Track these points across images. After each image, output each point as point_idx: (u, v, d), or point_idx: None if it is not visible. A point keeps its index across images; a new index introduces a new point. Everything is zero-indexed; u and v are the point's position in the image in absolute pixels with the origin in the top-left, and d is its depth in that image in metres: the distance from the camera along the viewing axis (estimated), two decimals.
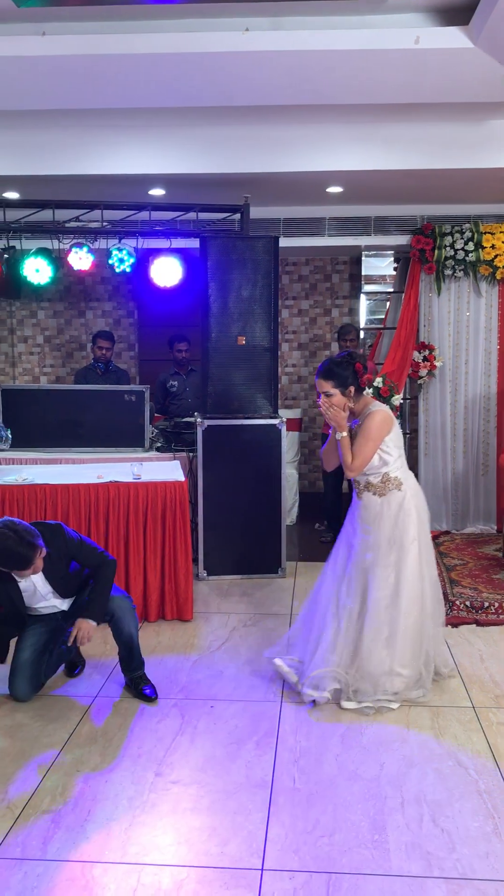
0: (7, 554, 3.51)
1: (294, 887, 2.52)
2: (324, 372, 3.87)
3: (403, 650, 3.77)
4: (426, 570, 3.87)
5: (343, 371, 3.84)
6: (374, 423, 3.78)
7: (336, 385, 3.83)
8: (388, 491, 3.85)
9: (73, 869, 2.63)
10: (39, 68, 4.36)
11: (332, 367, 3.86)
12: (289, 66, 4.48)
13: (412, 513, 3.83)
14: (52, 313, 8.55)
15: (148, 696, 3.85)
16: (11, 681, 3.81)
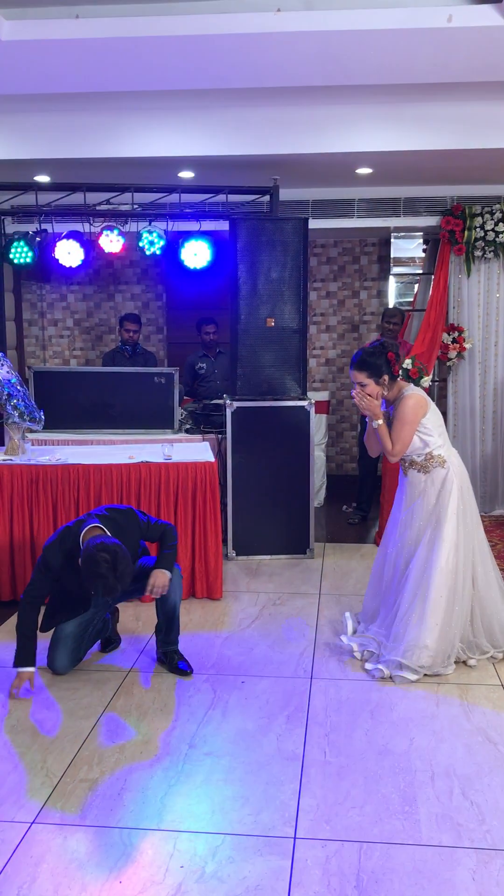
0: (105, 586, 3.45)
1: (326, 855, 2.58)
2: (358, 363, 3.94)
3: (433, 623, 3.82)
4: (467, 546, 3.93)
5: (376, 361, 3.91)
6: (408, 408, 3.89)
7: (370, 375, 3.92)
8: (431, 468, 3.96)
9: (112, 835, 2.70)
10: (72, 51, 4.39)
11: (366, 358, 3.93)
12: (320, 47, 4.47)
13: (454, 489, 3.92)
14: (82, 297, 8.62)
15: (183, 671, 3.91)
16: (52, 653, 3.88)
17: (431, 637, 3.83)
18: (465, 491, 3.98)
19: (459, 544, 3.90)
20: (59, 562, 3.68)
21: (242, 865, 2.54)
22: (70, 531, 3.73)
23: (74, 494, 4.82)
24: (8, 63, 4.51)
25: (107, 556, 3.40)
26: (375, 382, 3.91)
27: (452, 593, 3.87)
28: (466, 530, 3.95)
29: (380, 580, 4.25)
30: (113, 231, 5.98)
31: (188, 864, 2.54)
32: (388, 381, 3.93)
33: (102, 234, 5.99)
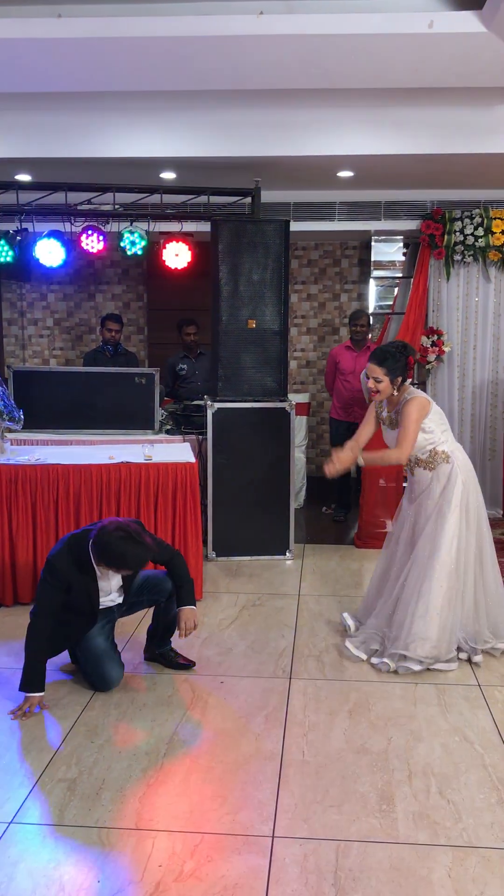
0: (135, 559, 3.50)
1: (304, 853, 2.60)
2: (378, 358, 3.95)
3: (434, 615, 3.88)
4: (469, 539, 3.99)
5: (397, 362, 3.94)
6: (412, 412, 3.92)
7: (387, 373, 3.94)
8: (436, 465, 4.02)
9: (90, 834, 2.70)
10: (54, 50, 4.39)
11: (388, 356, 3.95)
12: (302, 50, 4.50)
13: (458, 484, 3.97)
14: (62, 296, 8.59)
15: (186, 665, 3.96)
16: (100, 670, 3.70)
17: (433, 628, 3.88)
18: (469, 485, 4.03)
19: (461, 537, 3.96)
20: (68, 569, 3.56)
21: (221, 864, 2.55)
22: (76, 538, 3.63)
23: (54, 494, 4.81)
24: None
25: (120, 532, 3.45)
26: (390, 381, 3.95)
27: (454, 585, 3.92)
28: (469, 523, 4.00)
29: (383, 577, 4.27)
30: (94, 231, 5.96)
31: (166, 864, 2.55)
32: (400, 385, 3.99)
33: (84, 233, 5.97)
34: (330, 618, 4.68)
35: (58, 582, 3.56)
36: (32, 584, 4.84)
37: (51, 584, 3.56)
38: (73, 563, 3.57)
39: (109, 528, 3.48)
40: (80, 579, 3.59)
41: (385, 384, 3.95)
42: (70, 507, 4.82)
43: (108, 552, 3.47)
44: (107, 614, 3.87)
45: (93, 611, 3.71)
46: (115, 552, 3.45)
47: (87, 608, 3.69)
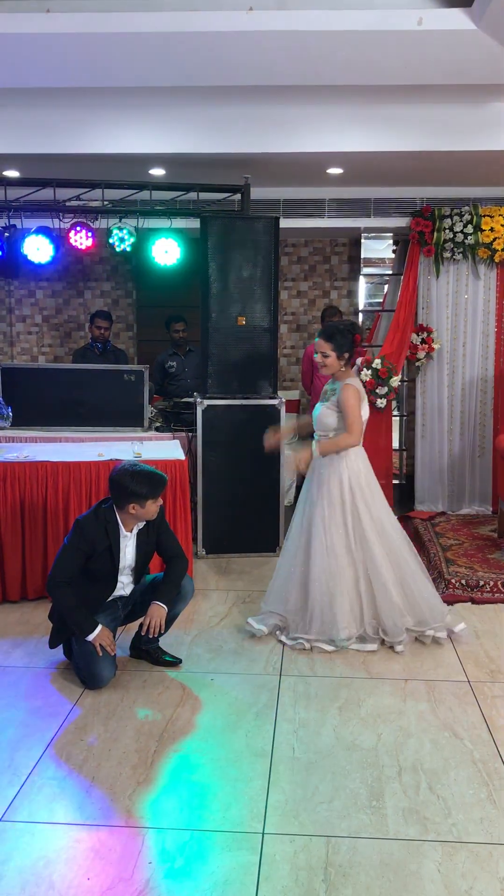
0: (151, 474, 3.73)
1: (294, 849, 2.60)
2: (327, 333, 4.19)
3: (340, 599, 4.11)
4: (357, 528, 4.20)
5: (344, 338, 4.17)
6: (350, 397, 4.15)
7: (334, 348, 4.17)
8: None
9: (80, 832, 2.70)
10: (43, 46, 4.37)
11: (335, 332, 4.18)
12: (292, 47, 4.49)
13: (345, 472, 4.20)
14: (51, 293, 8.55)
15: (171, 661, 3.98)
16: (93, 668, 3.69)
17: (340, 611, 4.10)
18: (363, 476, 4.24)
19: (351, 526, 4.17)
20: (94, 530, 3.74)
21: (211, 861, 2.55)
22: (102, 502, 3.86)
23: (42, 492, 4.79)
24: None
25: (127, 465, 3.72)
26: (337, 357, 4.17)
27: (350, 571, 4.14)
28: (363, 511, 4.20)
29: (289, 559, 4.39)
30: (83, 227, 5.94)
31: (157, 861, 2.55)
32: (346, 361, 4.20)
33: (72, 230, 5.94)
34: None
35: (83, 542, 3.73)
36: (21, 582, 4.83)
37: (75, 547, 3.73)
38: (99, 524, 3.75)
39: (117, 468, 3.76)
40: (104, 540, 3.76)
41: (332, 359, 4.18)
42: (59, 505, 4.80)
43: (132, 480, 3.68)
44: (111, 612, 3.90)
45: (113, 573, 3.83)
46: (137, 475, 3.69)
47: (108, 569, 3.81)
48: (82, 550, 3.74)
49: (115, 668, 3.79)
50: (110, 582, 3.87)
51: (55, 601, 3.79)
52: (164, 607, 3.82)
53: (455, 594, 4.98)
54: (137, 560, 3.91)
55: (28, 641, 4.28)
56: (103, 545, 3.76)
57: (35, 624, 4.48)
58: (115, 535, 3.79)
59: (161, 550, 3.99)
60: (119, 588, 3.91)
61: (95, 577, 3.82)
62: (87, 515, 3.84)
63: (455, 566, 5.41)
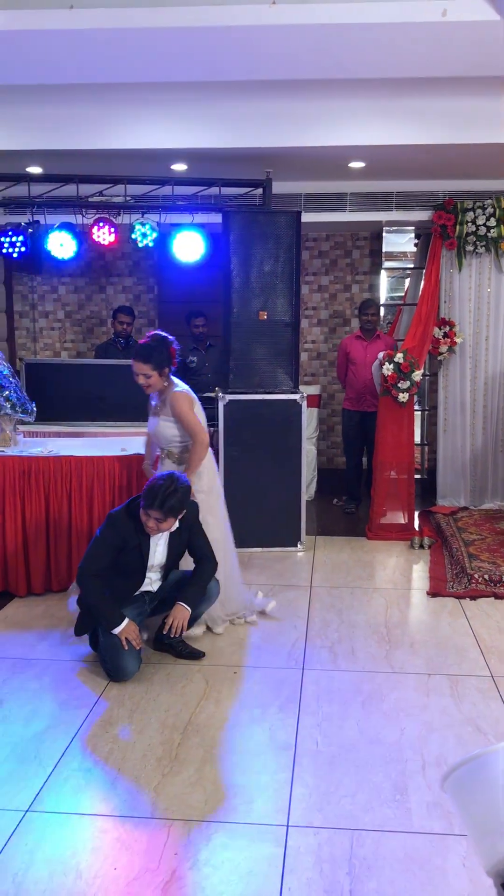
0: (165, 491, 3.66)
1: (319, 842, 2.61)
2: (143, 356, 4.13)
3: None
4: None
5: (161, 354, 4.14)
6: (182, 404, 4.18)
7: (154, 367, 4.14)
8: (185, 460, 4.25)
9: (106, 822, 2.72)
10: (66, 42, 4.37)
11: (152, 351, 4.14)
12: (315, 40, 4.47)
13: (205, 474, 4.30)
14: (73, 289, 8.60)
15: (195, 654, 4.00)
16: (118, 661, 3.72)
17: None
18: (211, 474, 4.38)
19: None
20: (125, 524, 3.76)
21: (236, 853, 2.56)
22: (136, 498, 3.88)
23: (66, 486, 4.82)
24: (1, 53, 4.49)
25: (160, 479, 3.71)
26: (159, 374, 4.15)
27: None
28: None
29: None
30: (106, 223, 5.96)
31: (182, 852, 2.57)
32: (167, 374, 4.20)
33: (95, 225, 5.97)
34: (342, 609, 4.69)
35: (114, 537, 3.76)
36: (45, 575, 4.87)
37: (106, 540, 3.76)
38: (130, 521, 3.77)
39: (155, 477, 3.79)
40: (135, 538, 3.77)
41: (154, 378, 4.16)
42: (83, 499, 4.84)
43: (149, 491, 3.68)
44: (138, 605, 3.93)
45: (142, 569, 3.85)
46: (152, 490, 3.67)
47: (137, 565, 3.83)
48: (113, 545, 3.77)
49: (139, 661, 3.82)
50: (139, 577, 3.89)
51: (84, 592, 3.83)
52: (187, 609, 3.85)
53: (478, 589, 4.96)
54: (168, 559, 3.94)
55: (53, 634, 4.32)
56: (133, 542, 3.78)
57: (60, 617, 4.52)
58: (146, 534, 3.81)
59: (191, 551, 4.02)
60: (147, 584, 3.94)
61: (125, 571, 3.84)
62: (120, 510, 3.87)
63: (478, 561, 5.39)
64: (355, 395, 6.87)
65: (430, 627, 4.46)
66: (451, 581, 5.11)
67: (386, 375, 6.06)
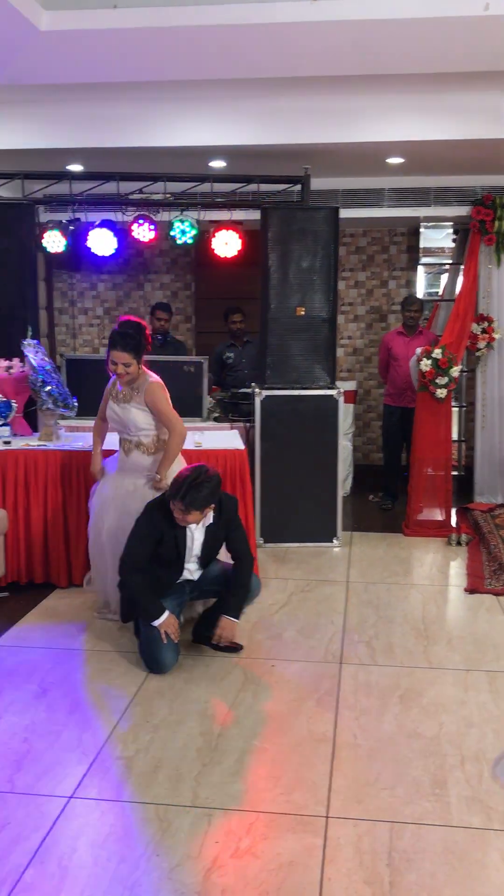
0: (188, 483, 3.67)
1: (358, 834, 2.63)
2: (123, 343, 4.08)
3: None
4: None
5: (139, 341, 4.11)
6: (159, 394, 4.17)
7: (135, 356, 4.12)
8: (158, 451, 4.25)
9: (148, 810, 2.77)
10: (109, 41, 4.43)
11: (130, 339, 4.09)
12: (355, 36, 4.47)
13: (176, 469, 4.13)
14: (112, 286, 8.68)
15: (234, 648, 4.02)
16: (155, 653, 3.78)
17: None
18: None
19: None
20: (162, 515, 3.79)
21: (276, 842, 2.60)
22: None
23: None
24: (46, 53, 4.56)
25: (188, 471, 3.74)
26: (137, 363, 4.13)
27: None
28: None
29: (100, 549, 4.39)
30: (145, 220, 6.01)
31: (223, 840, 2.61)
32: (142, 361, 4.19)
33: (135, 222, 6.02)
34: (379, 605, 4.70)
35: (151, 526, 3.81)
36: (85, 567, 4.94)
37: (144, 531, 3.80)
38: (166, 510, 3.78)
39: (185, 468, 3.82)
40: (171, 527, 3.80)
41: (133, 366, 4.14)
42: None
43: (174, 481, 3.73)
44: (178, 594, 3.98)
45: (179, 559, 3.88)
46: (177, 481, 3.71)
47: (174, 556, 3.86)
48: (151, 535, 3.81)
49: (177, 654, 3.86)
50: (177, 568, 3.94)
51: (126, 584, 3.88)
52: (235, 621, 3.91)
53: None
54: (204, 551, 3.97)
55: (94, 624, 4.39)
56: (170, 533, 3.83)
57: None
58: (182, 527, 3.84)
59: (228, 546, 4.04)
60: (187, 574, 3.99)
61: (163, 562, 3.89)
62: (156, 500, 3.91)
63: None
64: (396, 391, 6.86)
65: (468, 624, 4.46)
66: (489, 578, 5.09)
67: (424, 371, 6.05)
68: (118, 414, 4.28)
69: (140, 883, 2.41)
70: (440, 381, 6.04)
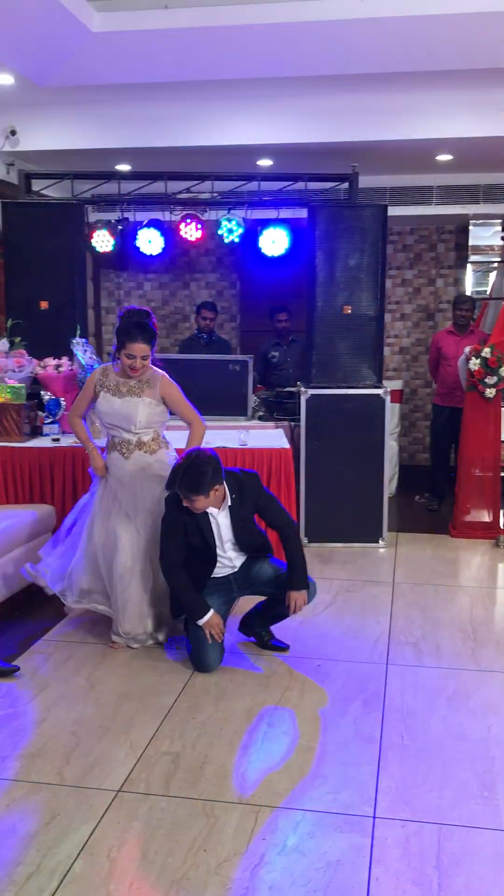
0: (191, 478, 3.61)
1: (406, 835, 2.61)
2: (146, 335, 3.92)
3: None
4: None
5: (155, 332, 4.00)
6: (174, 388, 4.10)
7: (152, 348, 3.99)
8: (158, 448, 4.09)
9: (195, 805, 2.78)
10: (160, 41, 4.47)
11: (147, 328, 3.94)
12: (405, 32, 4.45)
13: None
14: (158, 285, 8.75)
15: (280, 646, 4.01)
16: (201, 653, 3.80)
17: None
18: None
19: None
20: (178, 506, 3.72)
21: (323, 841, 2.59)
22: None
23: None
24: (98, 54, 4.62)
25: (181, 459, 3.71)
26: (152, 352, 3.99)
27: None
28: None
29: (94, 558, 4.12)
30: (193, 219, 6.05)
31: (270, 838, 2.61)
32: None
33: (183, 222, 6.06)
34: (426, 606, 4.66)
35: (172, 520, 3.78)
36: None
37: (168, 524, 3.78)
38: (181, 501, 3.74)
39: (178, 458, 3.79)
40: (191, 516, 3.75)
41: (149, 358, 3.99)
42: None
43: (170, 474, 3.73)
44: (226, 591, 3.96)
45: (208, 548, 3.83)
46: (172, 473, 3.71)
47: (203, 545, 3.82)
48: (176, 528, 3.77)
49: (222, 653, 3.86)
50: (210, 558, 3.86)
51: (169, 583, 3.88)
52: (301, 592, 3.82)
53: None
54: (236, 533, 3.86)
55: None
56: (192, 523, 3.77)
57: None
58: (203, 514, 3.77)
59: (269, 523, 3.96)
60: (226, 563, 3.91)
61: (196, 552, 3.84)
62: (172, 494, 3.80)
63: None
64: (446, 391, 6.79)
65: None
66: None
67: (472, 370, 5.98)
68: (116, 409, 4.00)
69: (188, 877, 2.42)
70: (489, 381, 5.96)
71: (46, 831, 2.63)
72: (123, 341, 3.93)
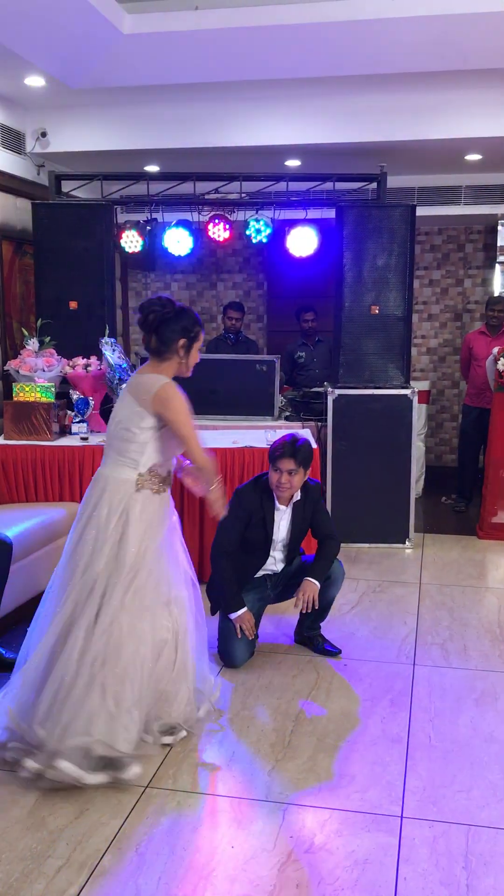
0: (303, 450, 3.74)
1: (434, 835, 2.61)
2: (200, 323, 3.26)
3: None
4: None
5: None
6: (180, 401, 3.16)
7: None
8: (170, 483, 3.31)
9: (223, 802, 2.80)
10: (190, 42, 4.50)
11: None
12: (436, 31, 4.44)
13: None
14: (185, 285, 8.78)
15: (332, 651, 4.00)
16: (230, 648, 3.83)
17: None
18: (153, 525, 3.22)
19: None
20: (251, 498, 3.84)
21: (350, 839, 2.59)
22: (263, 475, 3.95)
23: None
24: (129, 56, 4.65)
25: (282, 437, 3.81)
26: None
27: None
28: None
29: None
30: (222, 219, 6.07)
31: (297, 835, 2.61)
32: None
33: (211, 222, 6.08)
34: (453, 608, 4.64)
35: (240, 510, 3.82)
36: None
37: (233, 514, 3.74)
38: (256, 494, 3.86)
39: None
40: (259, 510, 3.84)
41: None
42: None
43: (275, 446, 3.80)
44: (260, 589, 4.00)
45: (266, 546, 3.90)
46: (276, 444, 3.80)
47: (262, 541, 3.88)
48: (241, 518, 3.83)
49: (251, 651, 3.88)
50: (263, 554, 3.93)
51: (215, 570, 3.89)
52: (315, 583, 3.85)
53: None
54: (291, 535, 3.95)
55: None
56: (258, 515, 3.85)
57: None
58: (270, 507, 3.87)
59: (315, 529, 4.03)
60: (271, 563, 3.98)
61: (250, 547, 3.90)
62: (247, 485, 3.95)
63: None
64: (476, 391, 6.75)
65: None
66: None
67: (501, 371, 5.94)
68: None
69: (216, 873, 2.43)
70: None
71: (76, 825, 2.65)
72: (202, 342, 3.37)
